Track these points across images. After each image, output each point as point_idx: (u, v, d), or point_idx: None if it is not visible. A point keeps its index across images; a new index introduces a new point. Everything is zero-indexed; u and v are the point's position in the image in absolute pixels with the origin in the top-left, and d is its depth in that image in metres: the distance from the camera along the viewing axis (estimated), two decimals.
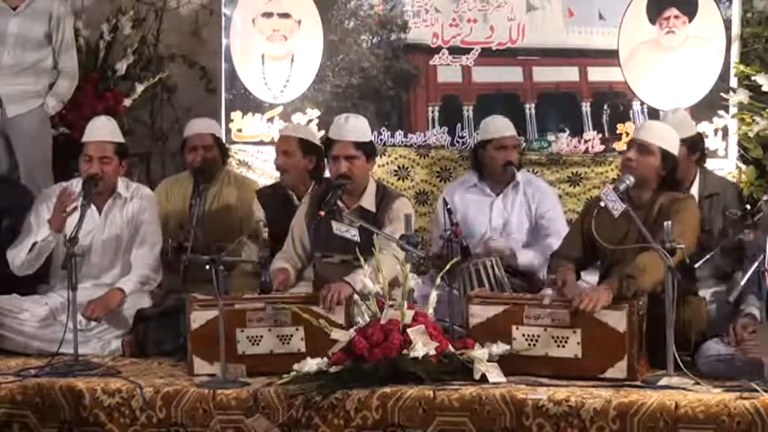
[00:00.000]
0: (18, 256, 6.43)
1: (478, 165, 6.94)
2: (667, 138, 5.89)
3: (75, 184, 6.62)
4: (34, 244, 6.37)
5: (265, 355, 5.67)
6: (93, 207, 6.45)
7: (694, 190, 6.34)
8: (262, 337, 5.68)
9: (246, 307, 5.70)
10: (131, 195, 6.64)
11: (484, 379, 5.34)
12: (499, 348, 5.44)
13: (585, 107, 7.70)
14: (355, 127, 6.17)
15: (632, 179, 5.72)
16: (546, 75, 7.77)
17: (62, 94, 7.55)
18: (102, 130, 6.58)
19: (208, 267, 5.51)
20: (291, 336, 5.66)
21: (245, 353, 5.67)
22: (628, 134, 7.41)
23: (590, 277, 6.07)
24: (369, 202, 6.17)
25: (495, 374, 5.37)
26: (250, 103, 8.31)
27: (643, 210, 5.76)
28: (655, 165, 5.82)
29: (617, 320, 5.41)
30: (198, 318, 5.71)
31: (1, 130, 7.45)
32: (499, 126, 6.92)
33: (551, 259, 6.07)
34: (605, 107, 7.66)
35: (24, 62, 7.41)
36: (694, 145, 6.48)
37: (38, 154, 7.43)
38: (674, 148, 5.89)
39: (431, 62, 7.95)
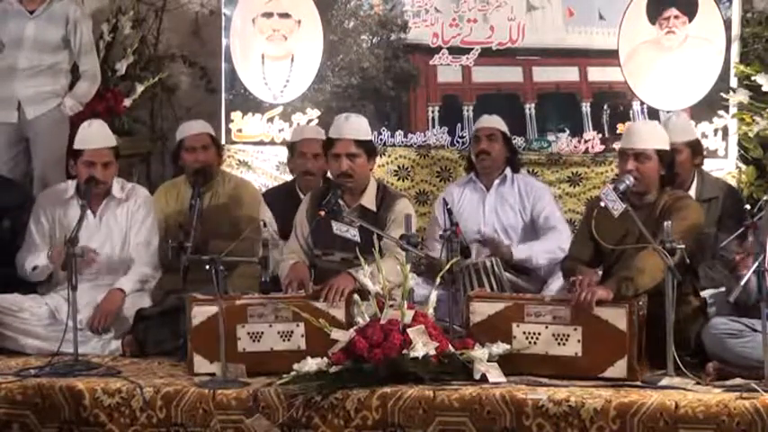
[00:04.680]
0: (23, 269, 6.50)
1: (472, 160, 6.98)
2: (659, 137, 5.90)
3: (70, 185, 6.63)
4: (35, 267, 6.44)
5: (266, 353, 5.67)
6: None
7: (692, 193, 6.32)
8: (262, 333, 5.69)
9: (247, 302, 5.70)
10: (126, 196, 6.64)
11: (484, 379, 5.35)
12: (499, 348, 5.44)
13: (585, 107, 7.70)
14: (356, 125, 6.18)
15: (632, 179, 5.72)
16: (546, 75, 7.77)
17: (81, 96, 7.54)
18: (99, 136, 6.56)
19: (208, 267, 5.51)
20: (292, 332, 5.66)
21: (245, 350, 5.68)
22: (624, 134, 7.38)
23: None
24: (369, 201, 6.17)
25: (495, 374, 5.37)
26: (250, 104, 8.31)
27: (646, 210, 5.77)
28: (655, 168, 5.82)
29: (617, 318, 5.41)
30: (198, 314, 5.71)
31: (21, 134, 7.45)
32: (481, 119, 7.00)
33: (563, 263, 6.07)
34: (605, 107, 7.66)
35: (41, 64, 7.40)
36: (697, 149, 6.48)
37: (53, 153, 7.41)
38: (666, 143, 5.90)
39: (431, 62, 7.95)
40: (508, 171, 6.90)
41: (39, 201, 6.72)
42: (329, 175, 6.52)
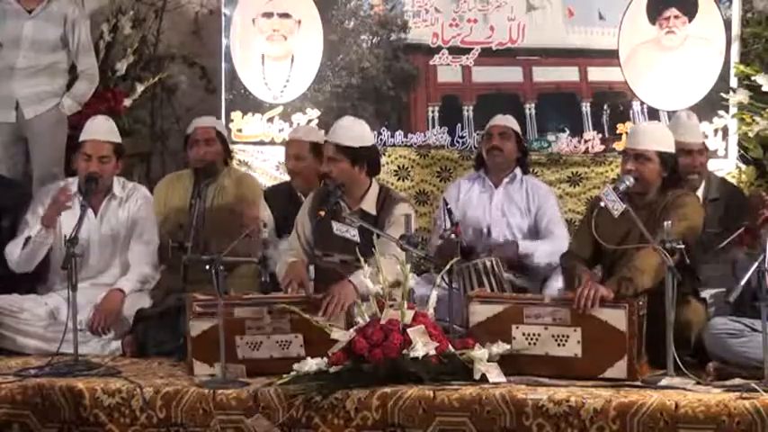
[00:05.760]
0: (14, 252, 6.46)
1: (481, 158, 6.99)
2: (662, 139, 5.90)
3: (71, 183, 6.63)
4: (28, 239, 6.40)
5: (265, 360, 5.66)
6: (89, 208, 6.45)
7: (699, 194, 6.32)
8: (261, 343, 5.68)
9: (245, 316, 5.68)
10: (127, 195, 6.65)
11: (484, 379, 5.35)
12: (499, 348, 5.44)
13: (585, 107, 7.70)
14: (344, 130, 6.12)
15: (632, 180, 5.74)
16: (546, 75, 7.78)
17: (79, 96, 7.54)
18: (101, 129, 6.60)
19: (208, 267, 5.51)
20: (290, 342, 5.66)
21: (244, 357, 5.67)
22: (628, 134, 7.41)
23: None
24: (370, 204, 6.16)
25: (495, 374, 5.37)
26: (250, 103, 8.31)
27: (647, 210, 5.77)
28: (655, 170, 5.83)
29: (617, 319, 5.42)
30: (196, 326, 5.69)
31: (19, 133, 7.44)
32: (495, 118, 7.04)
33: (563, 259, 6.08)
34: (605, 107, 7.67)
35: (39, 64, 7.40)
36: (706, 148, 6.51)
37: (51, 153, 7.42)
38: (670, 146, 5.90)
39: (431, 62, 7.95)
40: (518, 171, 6.92)
41: (38, 196, 6.72)
42: None
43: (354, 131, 6.14)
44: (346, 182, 6.09)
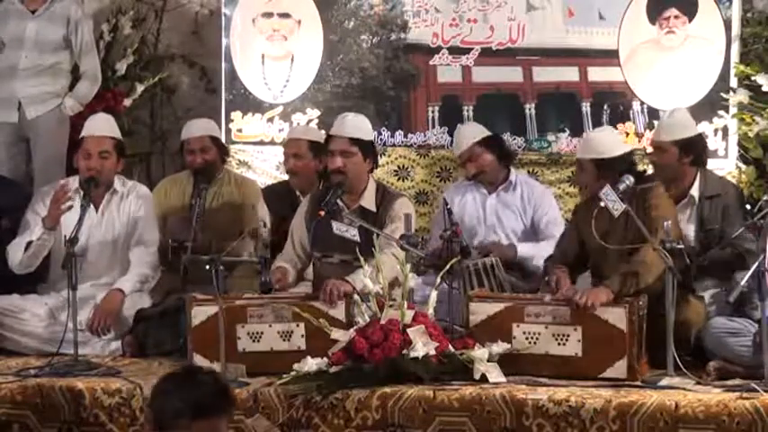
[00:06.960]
0: (15, 255, 6.44)
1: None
2: (595, 147, 5.92)
3: (72, 182, 6.63)
4: (29, 243, 6.39)
5: (266, 353, 5.67)
6: (90, 205, 6.45)
7: (694, 191, 6.32)
8: (262, 333, 5.69)
9: (247, 303, 5.70)
10: (128, 192, 6.66)
11: (484, 379, 5.35)
12: (499, 347, 5.44)
13: (585, 107, 7.69)
14: (353, 123, 6.16)
15: (632, 179, 5.74)
16: (546, 75, 7.77)
17: (82, 96, 7.54)
18: (101, 125, 6.61)
19: (208, 267, 5.51)
20: (292, 332, 5.67)
21: (245, 350, 5.68)
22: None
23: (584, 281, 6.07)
24: (369, 201, 6.17)
25: (495, 374, 5.38)
26: (250, 103, 8.31)
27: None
28: (589, 176, 5.88)
29: (618, 318, 5.43)
30: (198, 314, 5.71)
31: (21, 134, 7.44)
32: (457, 141, 6.97)
33: (545, 263, 6.09)
34: (605, 107, 7.66)
35: (42, 64, 7.40)
36: (688, 146, 6.39)
37: (53, 154, 7.41)
38: (607, 152, 5.88)
39: (431, 62, 7.94)
40: (512, 176, 6.88)
41: (39, 194, 6.70)
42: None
43: (361, 125, 6.20)
44: (356, 176, 6.10)
